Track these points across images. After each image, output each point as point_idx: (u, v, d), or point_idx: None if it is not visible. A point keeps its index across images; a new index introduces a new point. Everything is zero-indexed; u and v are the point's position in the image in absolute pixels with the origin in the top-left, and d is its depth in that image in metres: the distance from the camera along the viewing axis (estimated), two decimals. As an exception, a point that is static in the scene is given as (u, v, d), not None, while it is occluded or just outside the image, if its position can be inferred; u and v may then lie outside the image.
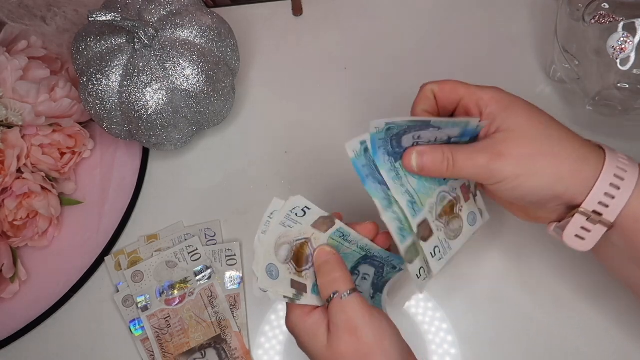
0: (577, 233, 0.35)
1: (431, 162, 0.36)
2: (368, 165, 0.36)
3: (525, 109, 0.36)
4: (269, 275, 0.37)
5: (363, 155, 0.36)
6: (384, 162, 0.36)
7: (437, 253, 0.39)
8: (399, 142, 0.36)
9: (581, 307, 0.48)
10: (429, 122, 0.36)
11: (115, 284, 0.54)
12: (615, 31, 0.45)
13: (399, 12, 0.63)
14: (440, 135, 0.37)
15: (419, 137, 0.37)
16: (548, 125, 0.35)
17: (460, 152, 0.35)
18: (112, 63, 0.49)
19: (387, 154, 0.36)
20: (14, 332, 0.52)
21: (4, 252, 0.54)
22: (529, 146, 0.34)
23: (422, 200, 0.38)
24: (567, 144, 0.35)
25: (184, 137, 0.54)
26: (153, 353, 0.51)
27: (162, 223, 0.56)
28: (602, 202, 0.34)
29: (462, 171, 0.35)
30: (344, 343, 0.35)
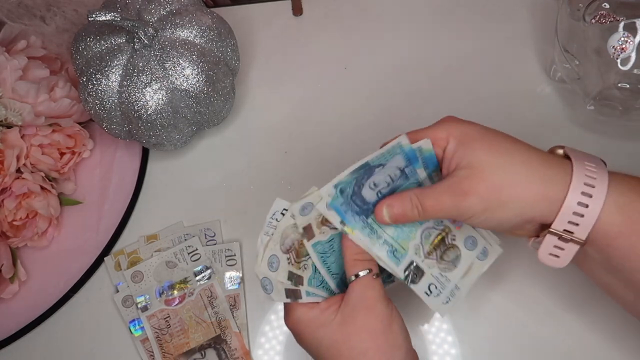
0: (550, 252, 0.35)
1: (402, 212, 0.36)
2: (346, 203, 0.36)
3: (484, 139, 0.35)
4: (270, 266, 0.38)
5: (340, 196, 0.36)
6: (355, 222, 0.36)
7: (434, 290, 0.39)
8: (362, 199, 0.37)
9: (580, 309, 0.48)
10: (367, 164, 0.36)
11: (115, 284, 0.53)
12: (616, 31, 0.45)
13: (399, 12, 0.63)
14: (391, 172, 0.37)
15: (375, 185, 0.37)
16: (509, 152, 0.35)
17: (427, 197, 0.35)
18: (111, 63, 0.49)
19: (356, 214, 0.36)
20: (13, 332, 0.52)
21: (3, 252, 0.54)
22: (491, 179, 0.34)
23: (404, 245, 0.38)
24: (531, 169, 0.34)
25: (183, 137, 0.54)
26: (153, 353, 0.51)
27: (162, 223, 0.56)
28: (571, 221, 0.33)
29: (433, 214, 0.35)
30: (360, 317, 0.35)
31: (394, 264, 0.37)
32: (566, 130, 0.55)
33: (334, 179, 0.36)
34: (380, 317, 0.36)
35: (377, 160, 0.37)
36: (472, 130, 0.36)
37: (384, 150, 0.37)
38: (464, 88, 0.58)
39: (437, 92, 0.58)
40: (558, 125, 0.55)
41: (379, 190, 0.37)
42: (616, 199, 0.33)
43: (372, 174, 0.37)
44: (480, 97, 0.57)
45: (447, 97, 0.58)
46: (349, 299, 0.36)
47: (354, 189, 0.36)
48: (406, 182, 0.38)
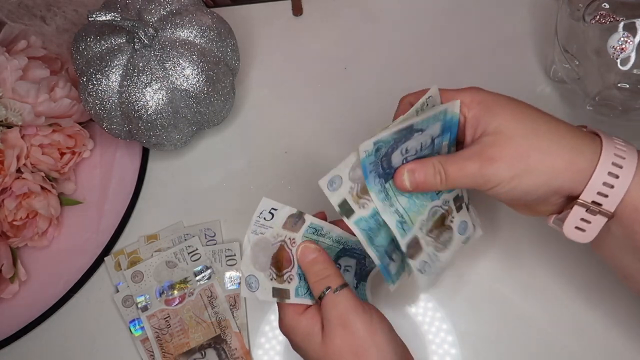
0: (577, 225, 0.35)
1: (423, 178, 0.35)
2: (375, 162, 0.35)
3: (509, 106, 0.35)
4: (249, 287, 0.37)
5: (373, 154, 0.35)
6: (374, 185, 0.36)
7: (427, 268, 0.39)
8: (389, 162, 0.36)
9: (580, 307, 0.48)
10: (411, 127, 0.35)
11: (115, 284, 0.54)
12: (616, 31, 0.45)
13: (399, 12, 0.63)
14: (425, 139, 0.36)
15: (406, 151, 0.36)
16: (535, 119, 0.34)
17: (451, 163, 0.34)
18: (112, 63, 0.49)
19: (377, 176, 0.36)
20: (13, 332, 0.52)
21: (3, 252, 0.54)
22: (519, 145, 0.33)
23: (413, 219, 0.38)
24: (558, 137, 0.34)
25: (183, 137, 0.54)
26: (153, 353, 0.51)
27: (162, 223, 0.56)
28: (600, 192, 0.33)
29: (455, 182, 0.34)
30: (338, 337, 0.35)
31: (400, 236, 0.37)
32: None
33: (375, 136, 0.34)
34: (359, 334, 0.35)
35: (421, 124, 0.35)
36: (497, 97, 0.35)
37: (431, 114, 0.35)
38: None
39: (437, 92, 0.58)
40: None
41: (406, 157, 0.36)
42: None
43: (410, 138, 0.36)
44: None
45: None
46: (324, 318, 0.36)
47: (387, 150, 0.35)
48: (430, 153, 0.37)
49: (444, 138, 0.37)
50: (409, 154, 0.36)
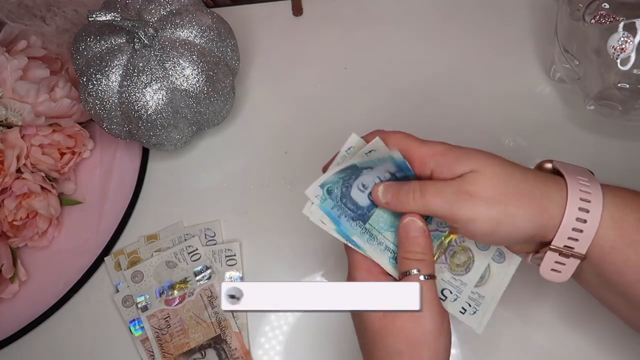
0: (552, 267, 0.35)
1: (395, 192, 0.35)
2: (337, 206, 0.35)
3: (480, 153, 0.35)
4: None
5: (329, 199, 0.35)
6: (353, 229, 0.35)
7: (449, 295, 0.38)
8: (353, 202, 0.36)
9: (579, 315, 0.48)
10: (355, 166, 0.35)
11: (115, 284, 0.54)
12: (616, 31, 0.45)
13: (399, 12, 0.63)
14: (381, 174, 0.36)
15: (364, 187, 0.36)
16: (507, 165, 0.34)
17: (430, 186, 0.34)
18: (111, 63, 0.49)
19: (351, 219, 0.35)
20: (13, 332, 0.52)
21: (3, 252, 0.54)
22: (498, 188, 0.33)
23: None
24: (530, 184, 0.34)
25: (183, 137, 0.54)
26: (153, 353, 0.51)
27: (162, 223, 0.56)
28: (571, 237, 0.33)
29: (431, 204, 0.34)
30: (401, 320, 0.34)
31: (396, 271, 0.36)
32: (566, 130, 0.55)
33: (318, 180, 0.34)
34: (425, 327, 0.34)
35: (365, 163, 0.35)
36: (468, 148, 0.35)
37: (375, 158, 0.35)
38: (464, 88, 0.58)
39: (437, 92, 0.58)
40: (558, 125, 0.55)
41: (369, 193, 0.36)
42: (612, 213, 0.33)
43: (360, 175, 0.36)
44: (481, 97, 0.57)
45: (447, 97, 0.58)
46: None
47: (341, 190, 0.35)
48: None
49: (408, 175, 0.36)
50: (370, 189, 0.36)
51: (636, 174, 0.51)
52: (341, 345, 0.50)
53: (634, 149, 0.53)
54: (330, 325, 0.50)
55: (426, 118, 0.57)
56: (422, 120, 0.57)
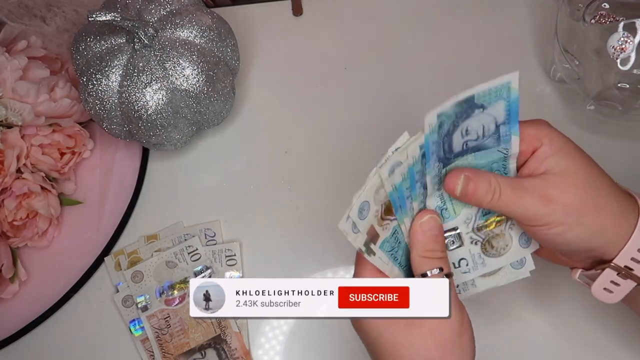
0: (605, 286, 0.34)
1: (474, 190, 0.33)
2: (437, 143, 0.33)
3: (578, 153, 0.34)
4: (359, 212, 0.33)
5: (437, 131, 0.33)
6: (432, 169, 0.34)
7: (464, 266, 0.37)
8: (450, 144, 0.34)
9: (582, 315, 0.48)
10: (472, 100, 0.33)
11: (115, 284, 0.54)
12: (616, 31, 0.45)
13: (399, 12, 0.63)
14: (488, 122, 0.34)
15: (467, 133, 0.34)
16: (598, 174, 0.34)
17: (510, 187, 0.33)
18: (111, 63, 0.49)
19: (438, 160, 0.34)
20: (13, 332, 0.52)
21: (3, 252, 0.54)
22: (580, 196, 0.32)
23: (456, 209, 0.36)
24: (612, 197, 0.33)
25: (184, 137, 0.54)
26: (153, 353, 0.51)
27: (162, 223, 0.56)
28: (634, 258, 0.33)
29: (506, 206, 0.33)
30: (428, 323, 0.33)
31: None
32: (566, 130, 0.54)
33: (437, 108, 0.32)
34: (451, 325, 0.33)
35: (482, 97, 0.33)
36: (567, 141, 0.34)
37: (492, 86, 0.33)
38: (464, 88, 0.58)
39: (437, 92, 0.58)
40: (558, 125, 0.54)
41: (466, 141, 0.34)
42: None
43: (470, 116, 0.34)
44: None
45: (447, 97, 0.58)
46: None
47: (449, 128, 0.33)
48: (493, 149, 0.35)
49: (512, 130, 0.34)
50: (470, 138, 0.34)
51: (636, 174, 0.51)
52: (341, 345, 0.50)
53: (634, 149, 0.53)
54: (331, 325, 0.50)
55: (426, 118, 0.57)
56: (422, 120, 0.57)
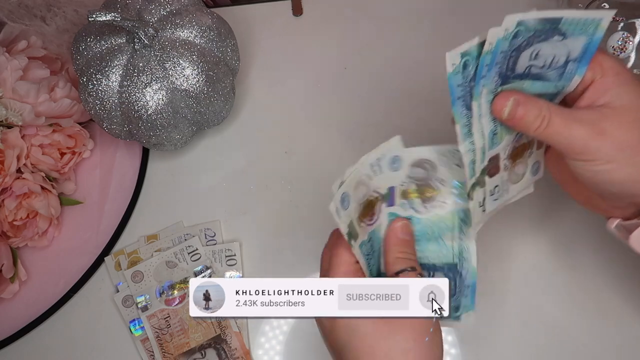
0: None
1: (523, 115, 0.32)
2: (463, 86, 0.32)
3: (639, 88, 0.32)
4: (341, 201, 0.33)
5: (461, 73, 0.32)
6: (490, 82, 0.32)
7: (496, 192, 0.37)
8: (515, 62, 0.33)
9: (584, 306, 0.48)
10: (559, 22, 0.31)
11: (115, 284, 0.54)
12: (616, 31, 0.45)
13: (399, 12, 0.63)
14: (560, 53, 0.33)
15: (536, 56, 0.33)
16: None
17: (560, 115, 0.31)
18: (112, 63, 0.49)
19: (498, 74, 0.33)
20: (14, 332, 0.52)
21: (3, 252, 0.54)
22: (636, 134, 0.31)
23: (502, 135, 0.35)
24: None
25: (184, 137, 0.54)
26: (153, 353, 0.51)
27: (162, 223, 0.56)
28: None
29: (553, 135, 0.31)
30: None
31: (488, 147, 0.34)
32: (566, 130, 0.55)
33: (519, 14, 0.31)
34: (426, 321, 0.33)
35: (568, 24, 0.32)
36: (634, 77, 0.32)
37: (582, 18, 0.32)
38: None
39: (437, 92, 0.58)
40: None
41: (531, 65, 0.33)
42: None
43: (548, 40, 0.32)
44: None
45: (446, 97, 0.58)
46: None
47: (522, 43, 0.32)
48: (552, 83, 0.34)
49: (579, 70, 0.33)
50: (536, 63, 0.33)
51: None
52: (341, 345, 0.50)
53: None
54: (330, 325, 0.50)
55: (426, 118, 0.57)
56: (422, 120, 0.57)
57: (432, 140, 0.38)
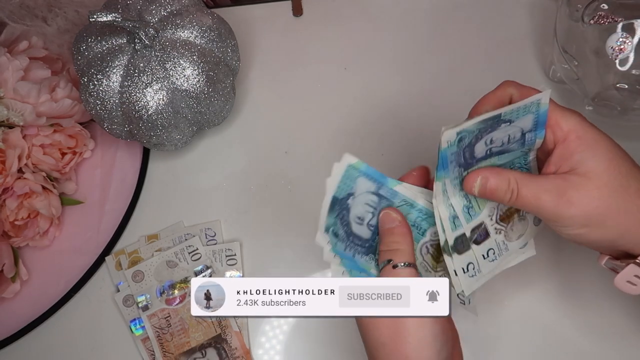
0: (629, 280, 0.34)
1: (494, 188, 0.33)
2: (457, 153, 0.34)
3: (609, 151, 0.33)
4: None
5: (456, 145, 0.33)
6: (451, 173, 0.34)
7: (491, 254, 0.38)
8: (472, 152, 0.34)
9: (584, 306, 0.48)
10: (499, 117, 0.33)
11: (116, 284, 0.54)
12: (614, 32, 0.45)
13: (399, 12, 0.63)
14: (514, 132, 0.34)
15: (491, 142, 0.34)
16: (629, 174, 0.33)
17: (528, 187, 0.33)
18: (112, 63, 0.49)
19: (458, 165, 0.34)
20: (14, 332, 0.52)
21: (5, 252, 0.54)
22: (603, 200, 0.32)
23: (481, 205, 0.36)
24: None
25: (184, 137, 0.54)
26: (153, 353, 0.51)
27: (163, 223, 0.56)
28: None
29: (525, 205, 0.33)
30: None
31: (465, 221, 0.36)
32: (565, 131, 0.55)
33: (458, 125, 0.32)
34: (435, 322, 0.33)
35: (509, 114, 0.33)
36: (598, 137, 0.33)
37: (521, 105, 0.33)
38: (464, 88, 0.58)
39: (437, 92, 0.59)
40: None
41: (490, 148, 0.34)
42: None
43: (496, 129, 0.34)
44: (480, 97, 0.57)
45: (446, 97, 0.58)
46: None
47: (471, 140, 0.33)
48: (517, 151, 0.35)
49: (538, 134, 0.35)
50: (494, 145, 0.35)
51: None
52: (341, 345, 0.50)
53: (633, 149, 0.52)
54: (331, 325, 0.50)
55: (426, 118, 0.57)
56: (422, 120, 0.57)
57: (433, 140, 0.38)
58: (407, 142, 0.56)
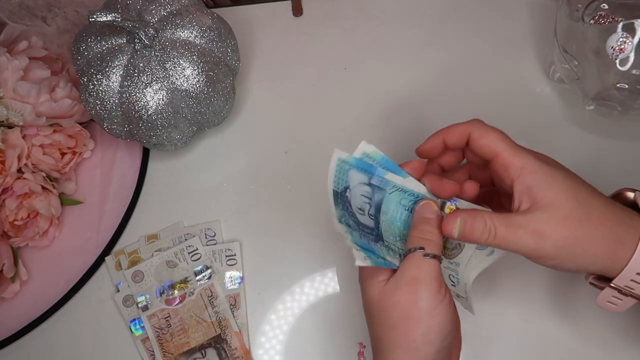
0: (609, 300, 0.36)
1: (471, 230, 0.34)
2: (361, 235, 0.37)
3: (565, 182, 0.34)
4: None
5: (350, 232, 0.37)
6: (379, 248, 0.37)
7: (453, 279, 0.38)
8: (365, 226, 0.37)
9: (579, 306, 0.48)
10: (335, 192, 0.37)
11: (116, 284, 0.54)
12: (615, 31, 0.45)
13: (399, 13, 0.63)
14: (361, 190, 0.37)
15: (361, 210, 0.37)
16: (589, 202, 0.34)
17: (504, 225, 0.34)
18: (112, 63, 0.49)
19: (374, 242, 0.37)
20: (14, 332, 0.52)
21: (4, 252, 0.54)
22: (571, 230, 0.33)
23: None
24: (607, 226, 0.34)
25: (184, 137, 0.54)
26: (153, 353, 0.51)
27: (162, 223, 0.56)
28: (634, 280, 0.34)
29: (503, 244, 0.34)
30: (399, 294, 0.34)
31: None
32: (565, 131, 0.55)
33: (334, 218, 0.35)
34: (420, 304, 0.34)
35: (337, 184, 0.36)
36: (552, 171, 0.35)
37: (333, 174, 0.36)
38: (464, 88, 0.58)
39: (437, 92, 0.59)
40: (557, 126, 0.55)
41: (368, 213, 0.36)
42: None
43: (348, 200, 0.36)
44: (480, 97, 0.57)
45: (446, 97, 0.58)
46: (401, 269, 0.35)
47: (353, 221, 0.36)
48: (387, 193, 0.37)
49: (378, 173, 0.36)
50: (366, 210, 0.37)
51: (635, 175, 0.52)
52: (342, 345, 0.50)
53: (633, 149, 0.53)
54: (331, 325, 0.50)
55: (426, 118, 0.57)
56: (422, 120, 0.57)
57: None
58: (408, 142, 0.56)
